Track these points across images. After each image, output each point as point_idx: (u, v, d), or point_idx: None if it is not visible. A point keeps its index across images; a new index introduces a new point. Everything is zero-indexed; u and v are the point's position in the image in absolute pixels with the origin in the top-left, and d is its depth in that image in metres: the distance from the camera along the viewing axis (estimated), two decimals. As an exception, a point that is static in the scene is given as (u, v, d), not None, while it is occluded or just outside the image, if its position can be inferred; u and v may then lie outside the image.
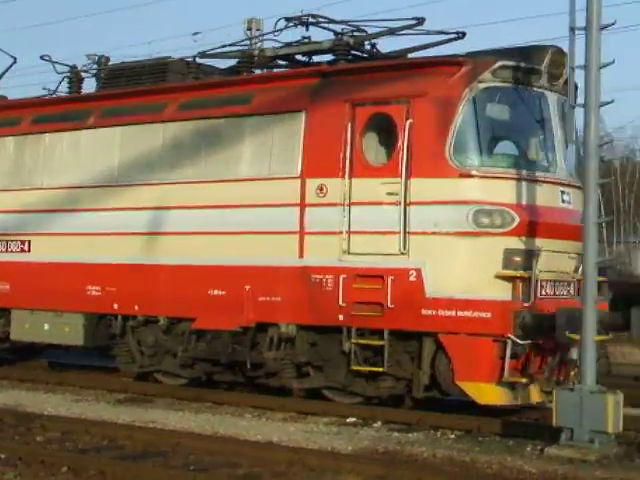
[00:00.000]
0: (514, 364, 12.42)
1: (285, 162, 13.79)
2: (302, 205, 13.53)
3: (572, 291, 13.22)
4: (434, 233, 12.59)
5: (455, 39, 14.46)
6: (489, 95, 12.85)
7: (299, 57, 15.27)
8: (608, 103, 11.06)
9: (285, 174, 13.75)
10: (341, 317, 13.17)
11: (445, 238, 12.55)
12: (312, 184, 13.44)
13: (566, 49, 11.55)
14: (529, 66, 12.95)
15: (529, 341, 12.31)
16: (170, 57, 16.06)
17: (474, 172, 12.59)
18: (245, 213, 14.06)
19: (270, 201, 13.83)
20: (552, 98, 13.33)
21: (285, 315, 13.67)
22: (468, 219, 12.44)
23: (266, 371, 14.08)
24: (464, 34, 14.41)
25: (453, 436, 12.15)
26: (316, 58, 15.17)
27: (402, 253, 12.75)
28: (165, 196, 14.85)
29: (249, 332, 14.03)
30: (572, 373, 12.82)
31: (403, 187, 12.75)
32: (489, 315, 12.23)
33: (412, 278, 12.66)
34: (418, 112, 12.82)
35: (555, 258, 12.86)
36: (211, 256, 14.28)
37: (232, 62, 15.74)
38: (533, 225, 12.61)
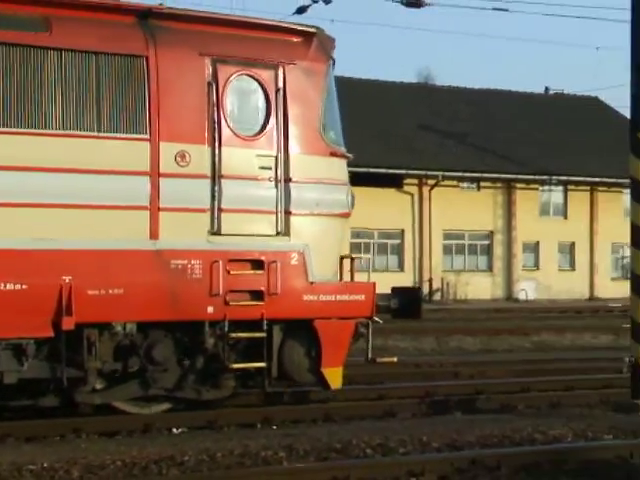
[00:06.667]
0: None
1: (123, 119, 10.81)
2: (154, 174, 10.93)
3: None
4: (317, 214, 11.77)
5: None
6: (331, 72, 12.35)
7: None
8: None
9: (124, 134, 10.83)
10: (211, 309, 11.16)
11: (327, 219, 11.88)
12: (169, 150, 10.96)
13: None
14: None
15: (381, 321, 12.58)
16: None
17: (339, 151, 12.15)
18: (52, 179, 10.54)
19: (98, 167, 10.73)
20: None
21: (126, 312, 10.79)
22: (348, 200, 12.04)
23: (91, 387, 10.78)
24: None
25: None
26: None
27: (279, 234, 11.54)
28: None
29: (62, 338, 10.58)
30: None
31: (281, 162, 11.56)
32: (362, 298, 12.08)
33: (294, 262, 11.62)
34: (290, 81, 11.69)
35: None
36: None
37: None
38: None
